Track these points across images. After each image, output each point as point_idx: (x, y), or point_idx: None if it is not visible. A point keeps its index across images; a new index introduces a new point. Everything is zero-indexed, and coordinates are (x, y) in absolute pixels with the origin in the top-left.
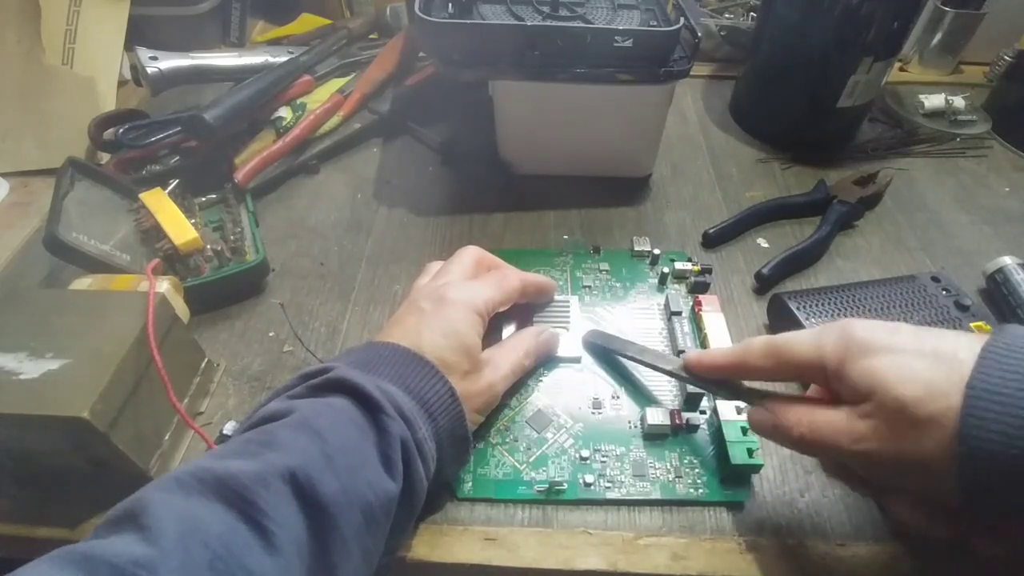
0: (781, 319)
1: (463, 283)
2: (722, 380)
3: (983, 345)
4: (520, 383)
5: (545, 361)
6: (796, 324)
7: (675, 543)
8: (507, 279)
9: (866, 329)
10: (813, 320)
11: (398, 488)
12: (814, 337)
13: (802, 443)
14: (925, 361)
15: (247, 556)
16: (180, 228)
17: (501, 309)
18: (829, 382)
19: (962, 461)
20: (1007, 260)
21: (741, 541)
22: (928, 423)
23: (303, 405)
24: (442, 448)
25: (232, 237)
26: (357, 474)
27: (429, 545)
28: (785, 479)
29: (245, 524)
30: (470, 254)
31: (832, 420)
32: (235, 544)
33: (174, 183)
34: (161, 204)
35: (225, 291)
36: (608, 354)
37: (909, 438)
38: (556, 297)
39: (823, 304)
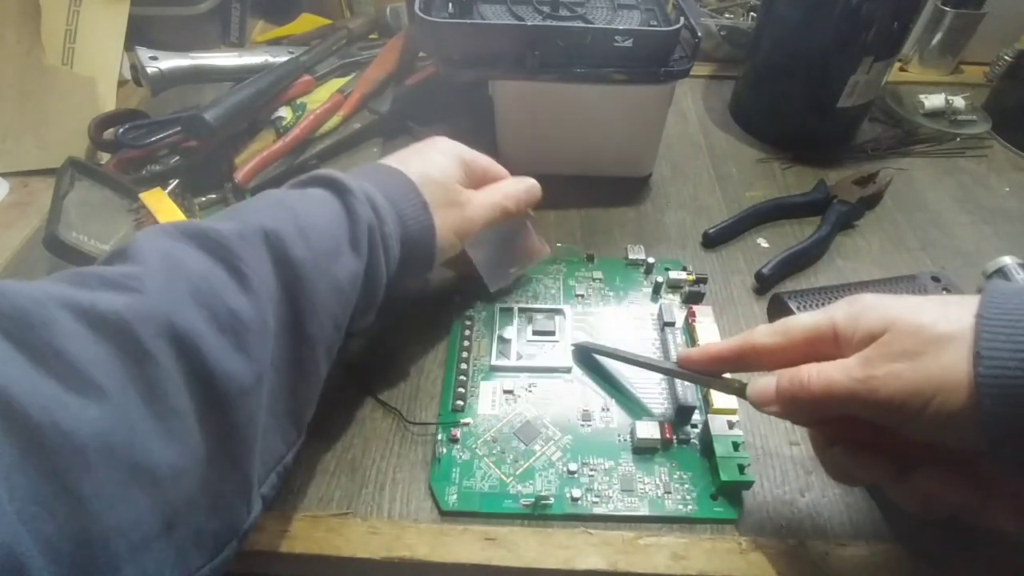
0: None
1: (456, 145)
2: (720, 373)
3: (984, 289)
4: (509, 394)
5: (527, 205)
6: None
7: (675, 543)
8: (490, 160)
9: (874, 295)
10: None
11: (363, 267)
12: (821, 310)
13: (808, 393)
14: (936, 302)
15: (224, 291)
16: None
17: (483, 183)
18: (839, 345)
19: (981, 382)
20: (1007, 260)
21: (741, 541)
22: (947, 340)
23: (278, 192)
24: (406, 253)
25: None
26: (326, 248)
27: (429, 545)
28: (785, 479)
29: (223, 267)
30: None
31: (841, 363)
32: (213, 280)
33: (174, 183)
34: (161, 204)
35: None
36: (598, 364)
37: (926, 356)
38: (548, 306)
39: (823, 304)
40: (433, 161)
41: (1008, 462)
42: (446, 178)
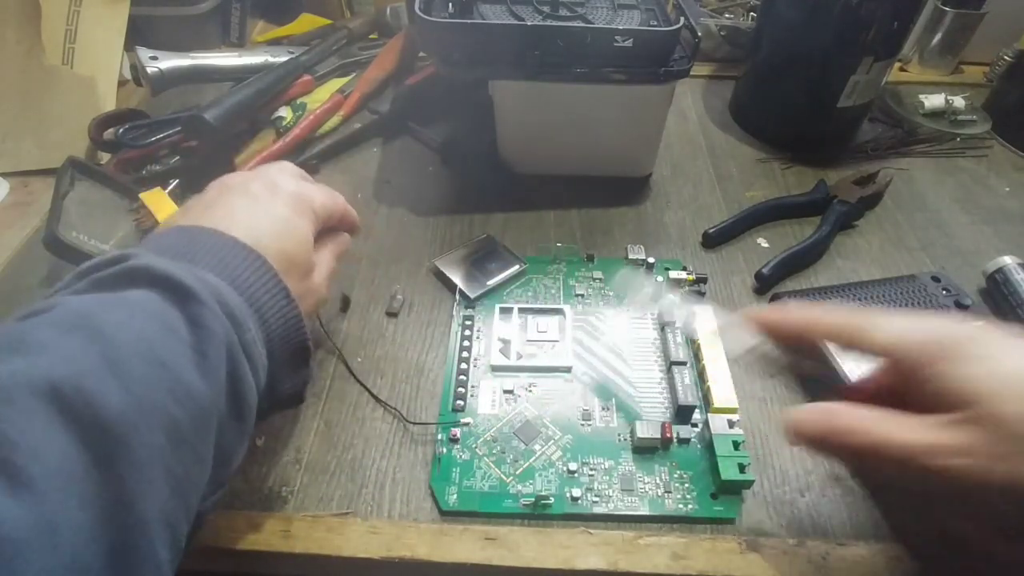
0: None
1: (296, 179)
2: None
3: None
4: (509, 394)
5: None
6: None
7: (675, 543)
8: (336, 193)
9: (967, 332)
10: None
11: (219, 399)
12: (902, 327)
13: (860, 453)
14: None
15: None
16: None
17: (326, 225)
18: (907, 382)
19: None
20: (1007, 260)
21: (741, 541)
22: None
23: (77, 299)
24: (274, 357)
25: None
26: (157, 382)
27: (429, 545)
28: (785, 479)
29: None
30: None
31: (912, 429)
32: None
33: (174, 183)
34: (161, 204)
35: None
36: (599, 364)
37: (1017, 459)
38: (548, 305)
39: (823, 304)
40: (283, 222)
41: None
42: (302, 250)
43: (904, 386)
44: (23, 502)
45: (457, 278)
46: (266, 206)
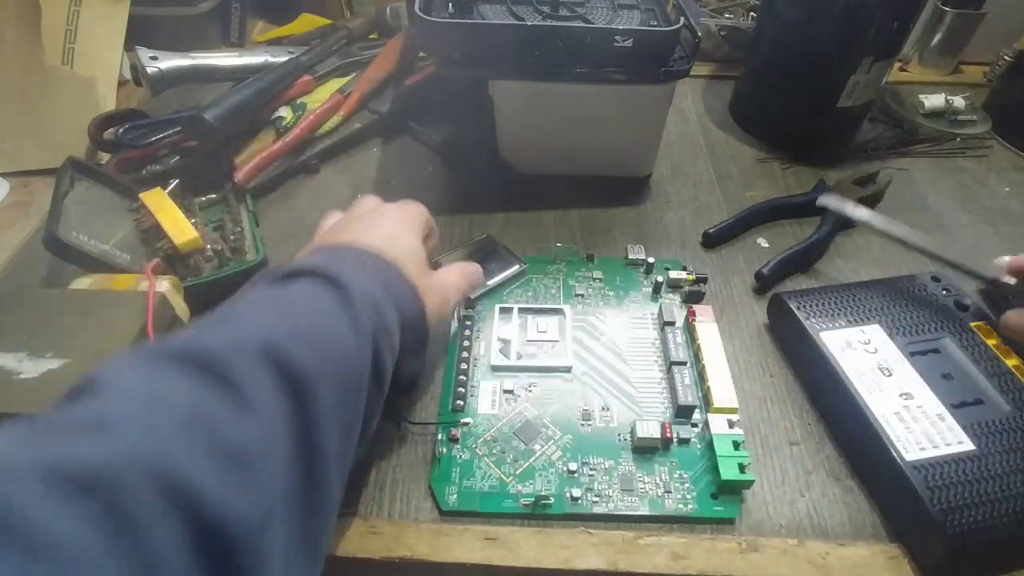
0: (781, 319)
1: (391, 204)
2: None
3: None
4: (509, 394)
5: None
6: (796, 324)
7: (675, 543)
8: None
9: None
10: (813, 320)
11: (367, 366)
12: None
13: None
14: None
15: (223, 418)
16: (180, 228)
17: (428, 228)
18: None
19: None
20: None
21: (741, 541)
22: None
23: (261, 290)
24: (404, 341)
25: (232, 237)
26: (328, 348)
27: (429, 545)
28: (785, 479)
29: (216, 389)
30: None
31: None
32: (207, 407)
33: (174, 183)
34: (161, 204)
35: (225, 291)
36: (600, 362)
37: None
38: (548, 305)
39: (823, 304)
40: (391, 237)
41: None
42: (414, 247)
43: None
44: (253, 422)
45: None
46: (372, 227)
